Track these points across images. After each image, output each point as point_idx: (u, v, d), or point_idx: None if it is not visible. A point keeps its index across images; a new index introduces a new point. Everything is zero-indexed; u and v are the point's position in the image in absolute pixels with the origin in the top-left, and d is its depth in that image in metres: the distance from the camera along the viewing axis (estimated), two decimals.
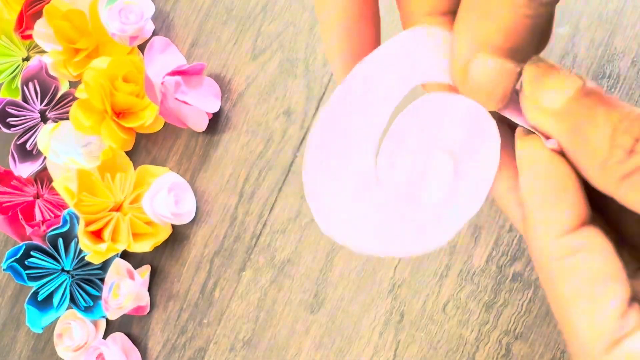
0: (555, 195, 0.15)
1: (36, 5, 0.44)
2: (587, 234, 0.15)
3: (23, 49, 0.47)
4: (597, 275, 0.14)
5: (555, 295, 0.15)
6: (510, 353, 0.35)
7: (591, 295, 0.14)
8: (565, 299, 0.14)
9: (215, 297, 0.40)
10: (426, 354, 0.36)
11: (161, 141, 0.43)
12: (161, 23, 0.44)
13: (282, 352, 0.39)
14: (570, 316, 0.14)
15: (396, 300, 0.37)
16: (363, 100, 0.16)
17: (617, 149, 0.14)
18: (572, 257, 0.14)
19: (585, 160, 0.14)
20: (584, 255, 0.14)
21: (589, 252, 0.14)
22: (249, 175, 0.41)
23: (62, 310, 0.41)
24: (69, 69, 0.43)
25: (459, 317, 0.36)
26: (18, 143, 0.45)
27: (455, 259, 0.36)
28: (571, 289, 0.14)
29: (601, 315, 0.14)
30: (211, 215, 0.41)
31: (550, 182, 0.15)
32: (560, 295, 0.15)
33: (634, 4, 0.35)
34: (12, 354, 0.44)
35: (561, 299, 0.15)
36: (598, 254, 0.14)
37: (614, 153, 0.14)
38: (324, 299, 0.38)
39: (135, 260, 0.42)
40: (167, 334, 0.41)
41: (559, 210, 0.15)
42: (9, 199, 0.44)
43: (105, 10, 0.42)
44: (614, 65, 0.35)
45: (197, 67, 0.41)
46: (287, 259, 0.39)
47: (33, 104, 0.44)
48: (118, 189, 0.41)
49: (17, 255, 0.41)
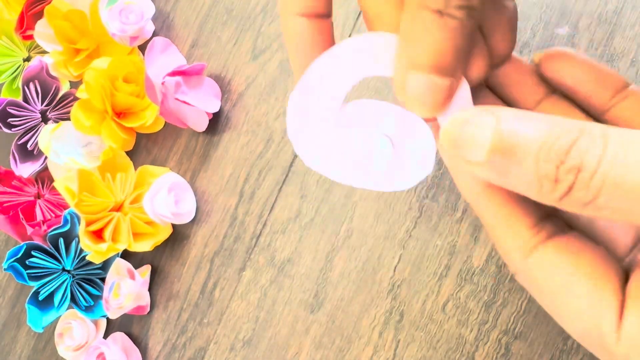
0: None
1: (37, 5, 0.44)
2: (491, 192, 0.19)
3: (24, 50, 0.47)
4: (508, 204, 0.18)
5: (485, 224, 0.19)
6: (509, 352, 0.35)
7: (506, 220, 0.18)
8: (490, 226, 0.19)
9: (215, 297, 0.40)
10: (426, 353, 0.36)
11: (161, 141, 0.43)
12: (161, 23, 0.44)
13: (282, 352, 0.39)
14: (497, 237, 0.19)
15: (396, 300, 0.37)
16: (330, 72, 0.20)
17: (544, 180, 0.15)
18: (485, 193, 0.19)
19: (524, 192, 0.16)
20: (494, 192, 0.19)
21: (498, 189, 0.18)
22: (249, 175, 0.41)
23: (62, 310, 0.41)
24: (69, 69, 0.43)
25: (459, 317, 0.36)
26: (19, 143, 0.45)
27: (454, 259, 0.36)
28: (492, 218, 0.19)
29: (517, 232, 0.18)
30: (211, 215, 0.41)
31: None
32: (487, 224, 0.19)
33: (633, 4, 0.35)
34: (13, 353, 0.44)
35: (488, 227, 0.19)
36: (505, 190, 0.18)
37: (543, 185, 0.15)
38: (324, 299, 0.38)
39: (136, 260, 0.42)
40: (168, 333, 0.41)
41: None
42: (10, 198, 0.44)
43: (106, 11, 0.42)
44: (614, 66, 0.35)
45: (197, 68, 0.41)
46: (287, 259, 0.39)
47: (34, 104, 0.44)
48: (118, 189, 0.41)
49: (18, 255, 0.41)
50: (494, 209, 0.19)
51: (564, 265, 0.17)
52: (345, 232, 0.38)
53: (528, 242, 0.18)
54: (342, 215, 0.39)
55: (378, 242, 0.38)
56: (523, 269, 0.18)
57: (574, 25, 0.36)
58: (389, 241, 0.38)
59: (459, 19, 0.17)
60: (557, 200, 0.16)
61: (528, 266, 0.18)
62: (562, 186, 0.15)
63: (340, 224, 0.39)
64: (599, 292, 0.16)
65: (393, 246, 0.37)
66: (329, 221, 0.39)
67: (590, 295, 0.17)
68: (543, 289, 0.18)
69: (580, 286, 0.17)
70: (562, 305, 0.17)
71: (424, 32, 0.17)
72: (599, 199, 0.15)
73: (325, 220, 0.39)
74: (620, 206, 0.15)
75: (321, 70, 0.20)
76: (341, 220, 0.39)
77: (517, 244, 0.18)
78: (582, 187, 0.15)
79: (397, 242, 0.37)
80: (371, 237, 0.38)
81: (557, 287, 0.17)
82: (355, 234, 0.38)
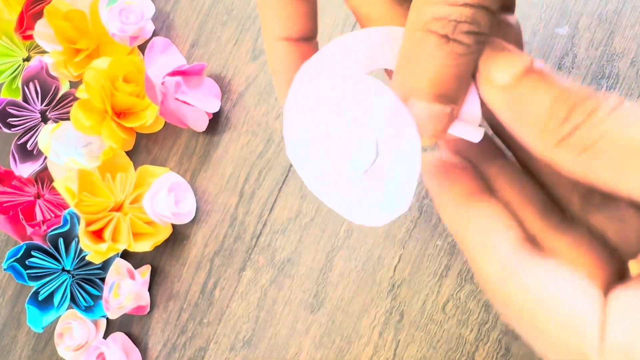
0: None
1: (37, 5, 0.44)
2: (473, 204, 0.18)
3: (24, 49, 0.47)
4: (487, 234, 0.18)
5: (465, 252, 0.18)
6: (509, 352, 0.35)
7: (485, 249, 0.18)
8: (470, 255, 0.18)
9: (215, 297, 0.40)
10: (426, 353, 0.36)
11: (161, 141, 0.43)
12: (161, 23, 0.44)
13: (282, 352, 0.39)
14: (477, 267, 0.18)
15: (396, 300, 0.37)
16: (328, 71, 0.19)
17: (554, 117, 0.16)
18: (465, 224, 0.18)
19: (526, 127, 0.16)
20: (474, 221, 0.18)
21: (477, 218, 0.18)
22: (249, 175, 0.41)
23: (62, 310, 0.41)
24: (69, 69, 0.43)
25: (459, 317, 0.36)
26: (19, 143, 0.45)
27: (454, 259, 0.36)
28: (472, 247, 0.18)
29: (496, 258, 0.17)
30: (211, 215, 0.41)
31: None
32: (467, 252, 0.18)
33: (633, 4, 0.35)
34: (13, 353, 0.44)
35: (468, 255, 0.18)
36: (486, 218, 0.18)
37: (551, 120, 0.16)
38: (324, 298, 0.38)
39: (136, 260, 0.42)
40: (168, 333, 0.41)
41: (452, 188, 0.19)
42: (10, 198, 0.44)
43: (106, 11, 0.42)
44: (614, 66, 0.35)
45: (197, 68, 0.41)
46: (287, 259, 0.39)
47: (34, 104, 0.44)
48: (118, 189, 0.41)
49: (18, 255, 0.41)
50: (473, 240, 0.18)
51: (543, 288, 0.17)
52: (345, 232, 0.38)
53: (506, 267, 0.17)
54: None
55: (378, 242, 0.38)
56: (502, 299, 0.17)
57: (574, 25, 0.36)
58: (389, 241, 0.38)
59: (466, 45, 0.16)
60: (558, 140, 0.16)
61: (507, 294, 0.17)
62: (569, 124, 0.16)
63: (340, 224, 0.39)
64: (580, 309, 0.16)
65: (393, 246, 0.37)
66: (329, 221, 0.39)
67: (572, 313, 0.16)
68: (523, 314, 0.17)
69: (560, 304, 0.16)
70: (539, 320, 0.17)
71: (427, 57, 0.17)
72: (599, 143, 0.15)
73: (325, 220, 0.39)
74: (616, 156, 0.15)
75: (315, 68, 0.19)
76: (341, 220, 0.39)
77: (497, 270, 0.17)
78: (589, 127, 0.15)
79: (397, 242, 0.37)
80: (371, 237, 0.38)
81: (536, 311, 0.17)
82: (355, 234, 0.38)
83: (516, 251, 0.17)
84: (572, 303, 0.16)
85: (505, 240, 0.17)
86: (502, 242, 0.17)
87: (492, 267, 0.17)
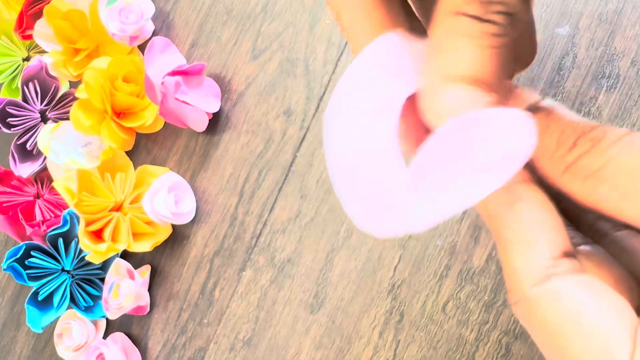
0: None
1: (36, 5, 0.44)
2: (528, 188, 0.17)
3: (23, 49, 0.47)
4: (535, 223, 0.17)
5: (499, 238, 0.17)
6: (510, 353, 0.35)
7: (528, 239, 0.17)
8: (508, 241, 0.17)
9: (215, 297, 0.40)
10: (426, 353, 0.36)
11: (161, 141, 0.43)
12: (161, 23, 0.44)
13: (282, 352, 0.39)
14: (510, 255, 0.17)
15: (396, 300, 0.37)
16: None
17: (562, 145, 0.17)
18: (515, 204, 0.17)
19: (537, 156, 0.17)
20: (525, 205, 0.17)
21: (530, 203, 0.17)
22: (249, 175, 0.41)
23: (62, 310, 0.41)
24: (69, 69, 0.43)
25: (459, 317, 0.36)
26: (18, 143, 0.45)
27: (455, 259, 0.36)
28: (512, 233, 0.17)
29: (536, 255, 0.17)
30: (211, 215, 0.41)
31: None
32: (504, 238, 0.17)
33: (633, 4, 0.35)
34: (12, 353, 0.44)
35: (504, 242, 0.17)
36: (539, 206, 0.17)
37: (559, 149, 0.17)
38: (324, 299, 0.38)
39: (136, 260, 0.42)
40: (167, 333, 0.41)
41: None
42: (9, 198, 0.44)
43: (105, 10, 0.42)
44: (614, 66, 0.35)
45: (197, 67, 0.41)
46: (287, 259, 0.39)
47: (33, 104, 0.44)
48: (118, 189, 0.41)
49: (18, 255, 0.41)
50: (519, 225, 0.17)
51: (580, 298, 0.16)
52: (345, 232, 0.38)
53: (546, 268, 0.16)
54: (342, 215, 0.39)
55: (378, 242, 0.38)
56: (529, 298, 0.17)
57: (574, 25, 0.36)
58: (389, 241, 0.38)
59: (499, 25, 0.16)
60: (565, 167, 0.16)
61: (537, 294, 0.16)
62: (576, 152, 0.16)
63: (340, 224, 0.39)
64: (613, 329, 0.15)
65: (393, 246, 0.37)
66: (329, 221, 0.39)
67: (604, 333, 0.16)
68: (549, 322, 0.16)
69: (594, 321, 0.16)
70: (567, 342, 0.16)
71: (462, 40, 0.16)
72: (604, 169, 0.16)
73: (325, 220, 0.39)
74: (621, 182, 0.15)
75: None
76: (341, 220, 0.39)
77: (533, 267, 0.17)
78: (594, 154, 0.16)
79: (397, 242, 0.37)
80: (371, 237, 0.38)
81: (565, 321, 0.16)
82: (355, 234, 0.38)
83: (556, 256, 0.17)
84: (606, 323, 0.16)
85: (551, 242, 0.17)
86: (547, 243, 0.17)
87: (526, 264, 0.17)
